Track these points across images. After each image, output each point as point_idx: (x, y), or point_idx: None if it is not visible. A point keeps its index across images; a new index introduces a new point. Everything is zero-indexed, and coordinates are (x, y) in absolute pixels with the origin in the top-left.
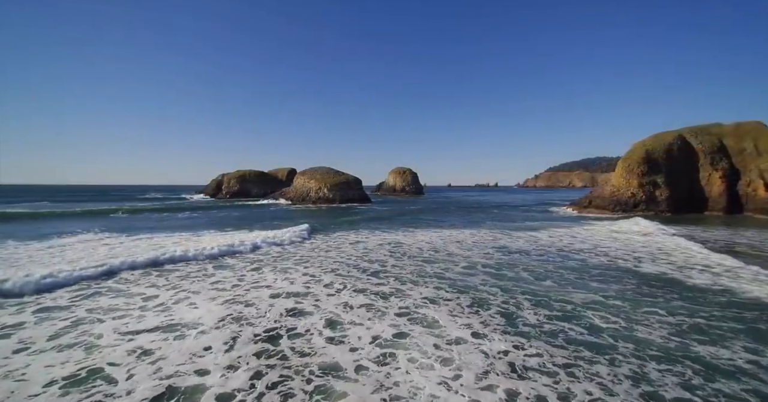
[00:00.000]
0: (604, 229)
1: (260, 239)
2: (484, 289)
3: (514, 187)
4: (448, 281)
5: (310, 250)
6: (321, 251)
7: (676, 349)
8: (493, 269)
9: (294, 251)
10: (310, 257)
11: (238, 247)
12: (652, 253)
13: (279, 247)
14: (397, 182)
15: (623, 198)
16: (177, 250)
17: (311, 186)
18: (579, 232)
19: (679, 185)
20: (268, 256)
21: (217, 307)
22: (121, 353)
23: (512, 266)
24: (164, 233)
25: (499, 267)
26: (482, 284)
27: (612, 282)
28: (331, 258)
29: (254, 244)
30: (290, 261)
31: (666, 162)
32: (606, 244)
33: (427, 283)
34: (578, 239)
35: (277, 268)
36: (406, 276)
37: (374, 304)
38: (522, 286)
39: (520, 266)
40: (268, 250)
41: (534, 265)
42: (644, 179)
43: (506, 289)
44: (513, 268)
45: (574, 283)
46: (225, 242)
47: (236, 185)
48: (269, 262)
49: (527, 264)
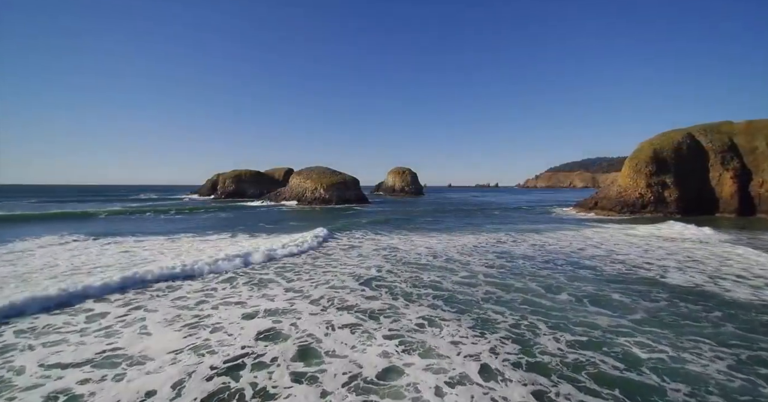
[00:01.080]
0: (618, 232)
1: (241, 248)
2: (488, 306)
3: (515, 188)
4: (446, 294)
5: (295, 255)
6: (308, 258)
7: (742, 391)
8: (497, 279)
9: (277, 259)
10: (294, 265)
11: (216, 259)
12: (679, 261)
13: (261, 255)
14: (397, 182)
15: (630, 199)
16: (137, 271)
17: (307, 186)
18: (589, 236)
19: (688, 186)
20: (247, 266)
21: (174, 334)
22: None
23: (518, 276)
24: (139, 237)
25: (504, 276)
26: (486, 298)
27: (638, 296)
28: (319, 267)
29: (235, 254)
30: (271, 269)
31: (675, 161)
32: (622, 250)
33: (423, 298)
34: (589, 244)
35: (254, 281)
36: (400, 287)
37: (362, 324)
38: (532, 300)
39: (526, 275)
40: (245, 260)
41: (543, 275)
42: (652, 179)
43: (514, 305)
44: (519, 277)
45: (594, 298)
46: (202, 250)
47: (232, 185)
48: (245, 273)
49: (535, 273)
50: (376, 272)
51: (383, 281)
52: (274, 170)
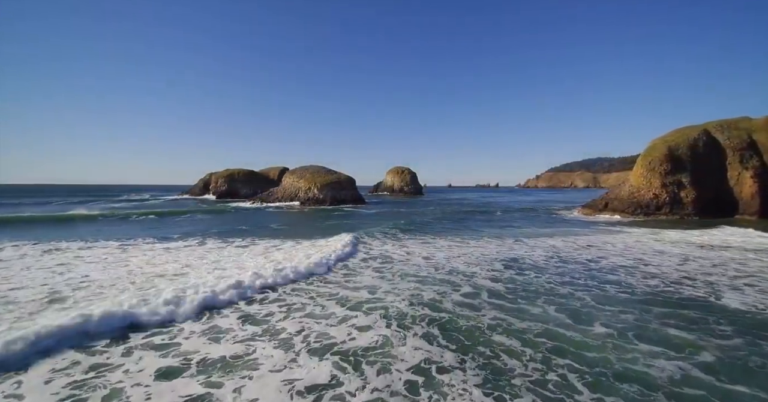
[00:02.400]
0: (641, 237)
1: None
2: (499, 340)
3: (515, 188)
4: (446, 317)
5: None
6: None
7: None
8: (506, 301)
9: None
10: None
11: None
12: (731, 276)
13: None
14: (396, 182)
15: (644, 200)
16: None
17: (300, 186)
18: (607, 242)
19: (705, 186)
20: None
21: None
22: None
23: (532, 295)
24: (91, 243)
25: (515, 296)
26: (494, 327)
27: (697, 328)
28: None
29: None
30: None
31: (691, 160)
32: (652, 260)
33: (417, 323)
34: (610, 251)
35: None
36: (396, 307)
37: (338, 376)
38: (556, 333)
39: (542, 294)
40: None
41: (562, 293)
42: (667, 179)
43: (531, 340)
44: (534, 298)
45: (638, 330)
46: (153, 265)
47: (224, 185)
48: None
49: (551, 290)
50: (368, 294)
51: (376, 304)
52: (269, 169)
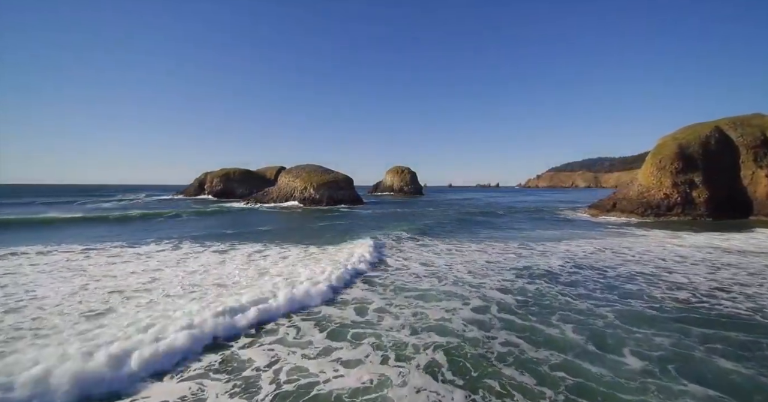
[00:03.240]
0: (660, 241)
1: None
2: (510, 373)
3: (516, 188)
4: (454, 343)
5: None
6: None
7: None
8: (518, 318)
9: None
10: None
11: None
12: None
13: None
14: (395, 182)
15: (654, 200)
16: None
17: (296, 185)
18: (623, 246)
19: (718, 185)
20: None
21: None
22: None
23: (546, 310)
24: (52, 246)
25: (526, 311)
26: (504, 357)
27: (751, 356)
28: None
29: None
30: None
31: (702, 158)
32: (676, 268)
33: (422, 352)
34: (627, 257)
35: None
36: (392, 337)
37: None
38: (578, 368)
39: (557, 309)
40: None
41: (580, 309)
42: (679, 178)
43: (548, 375)
44: (548, 314)
45: (679, 361)
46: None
47: (219, 184)
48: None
49: (567, 304)
50: (356, 316)
51: (367, 328)
52: (266, 169)
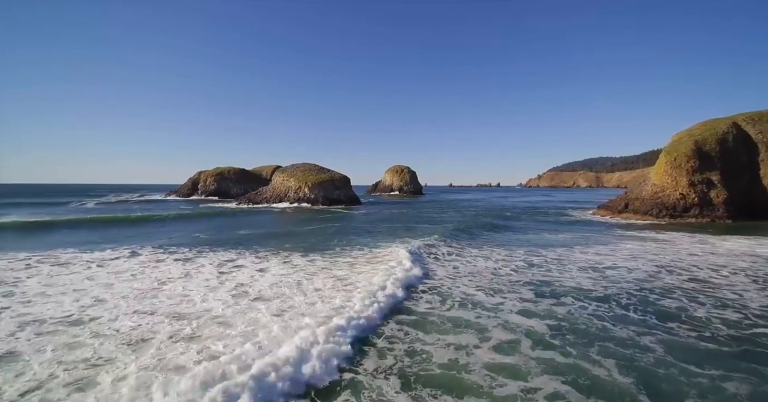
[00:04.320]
0: (687, 246)
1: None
2: None
3: (517, 187)
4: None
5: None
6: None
7: None
8: (557, 353)
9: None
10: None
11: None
12: None
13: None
14: (395, 181)
15: (670, 200)
16: None
17: (290, 185)
18: (646, 251)
19: (737, 185)
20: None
21: None
22: None
23: (581, 339)
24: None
25: (564, 342)
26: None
27: None
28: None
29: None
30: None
31: (720, 156)
32: (717, 280)
33: None
34: (657, 266)
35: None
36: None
37: None
38: None
39: (594, 339)
40: None
41: (619, 336)
42: (695, 177)
43: None
44: (585, 345)
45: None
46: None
47: (213, 184)
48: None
49: (605, 331)
50: (330, 367)
51: (351, 388)
52: (262, 168)
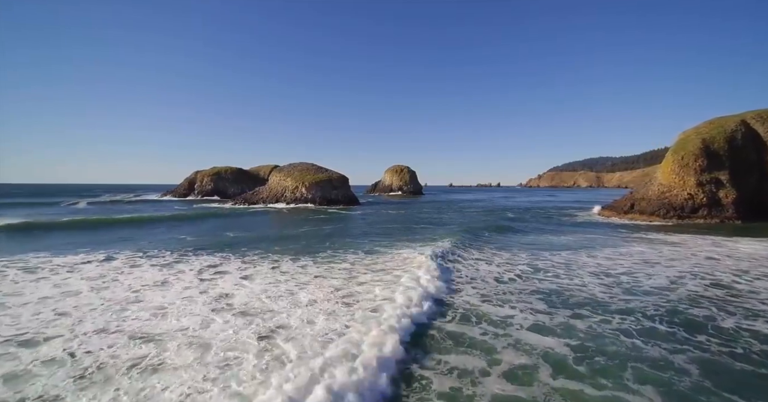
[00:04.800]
0: (704, 248)
1: None
2: None
3: (517, 187)
4: None
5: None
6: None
7: None
8: (585, 383)
9: None
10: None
11: None
12: None
13: None
14: (394, 181)
15: (677, 200)
16: None
17: (287, 185)
18: (660, 256)
19: (746, 185)
20: None
21: None
22: None
23: (611, 361)
24: None
25: (592, 368)
26: None
27: None
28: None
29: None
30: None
31: (729, 155)
32: (741, 286)
33: None
34: (676, 272)
35: None
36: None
37: None
38: None
39: (625, 360)
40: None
41: (651, 356)
42: (704, 176)
43: None
44: (619, 367)
45: None
46: None
47: (210, 184)
48: None
49: (635, 350)
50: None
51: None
52: (260, 168)
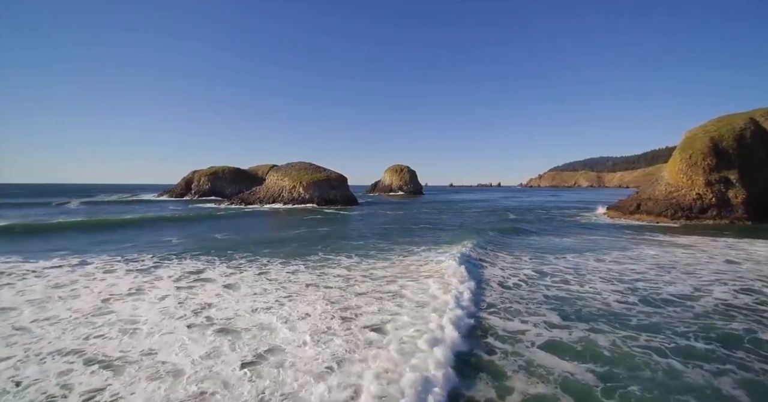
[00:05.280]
0: (718, 251)
1: None
2: None
3: (517, 187)
4: None
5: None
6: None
7: None
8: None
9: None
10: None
11: None
12: None
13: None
14: (394, 181)
15: (685, 201)
16: None
17: (284, 184)
18: (677, 261)
19: (756, 184)
20: None
21: None
22: None
23: (649, 390)
24: None
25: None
26: None
27: None
28: None
29: None
30: None
31: (738, 154)
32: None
33: None
34: (697, 278)
35: None
36: None
37: None
38: None
39: (666, 391)
40: None
41: (698, 385)
42: (713, 176)
43: None
44: (661, 400)
45: None
46: None
47: (207, 184)
48: None
49: (677, 376)
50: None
51: None
52: (258, 167)
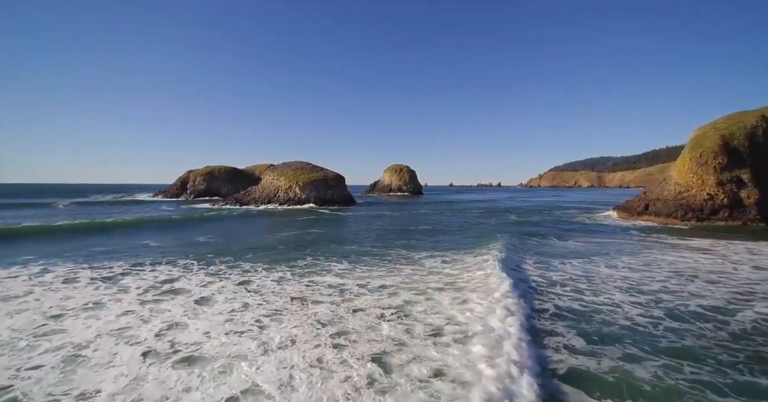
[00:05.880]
0: (739, 256)
1: None
2: None
3: (518, 187)
4: None
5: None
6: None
7: None
8: None
9: None
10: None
11: None
12: None
13: None
14: (393, 181)
15: (696, 201)
16: None
17: (280, 184)
18: (696, 268)
19: (767, 183)
20: None
21: None
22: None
23: None
24: None
25: None
26: None
27: None
28: None
29: None
30: None
31: (750, 152)
32: None
33: None
34: (724, 289)
35: None
36: None
37: None
38: None
39: None
40: None
41: None
42: (724, 175)
43: None
44: None
45: None
46: None
47: (203, 183)
48: None
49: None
50: None
51: None
52: (255, 167)
